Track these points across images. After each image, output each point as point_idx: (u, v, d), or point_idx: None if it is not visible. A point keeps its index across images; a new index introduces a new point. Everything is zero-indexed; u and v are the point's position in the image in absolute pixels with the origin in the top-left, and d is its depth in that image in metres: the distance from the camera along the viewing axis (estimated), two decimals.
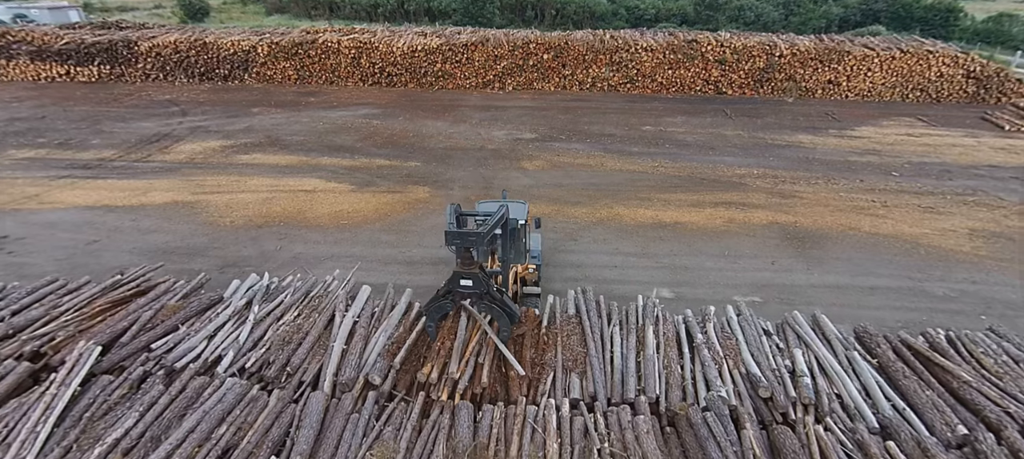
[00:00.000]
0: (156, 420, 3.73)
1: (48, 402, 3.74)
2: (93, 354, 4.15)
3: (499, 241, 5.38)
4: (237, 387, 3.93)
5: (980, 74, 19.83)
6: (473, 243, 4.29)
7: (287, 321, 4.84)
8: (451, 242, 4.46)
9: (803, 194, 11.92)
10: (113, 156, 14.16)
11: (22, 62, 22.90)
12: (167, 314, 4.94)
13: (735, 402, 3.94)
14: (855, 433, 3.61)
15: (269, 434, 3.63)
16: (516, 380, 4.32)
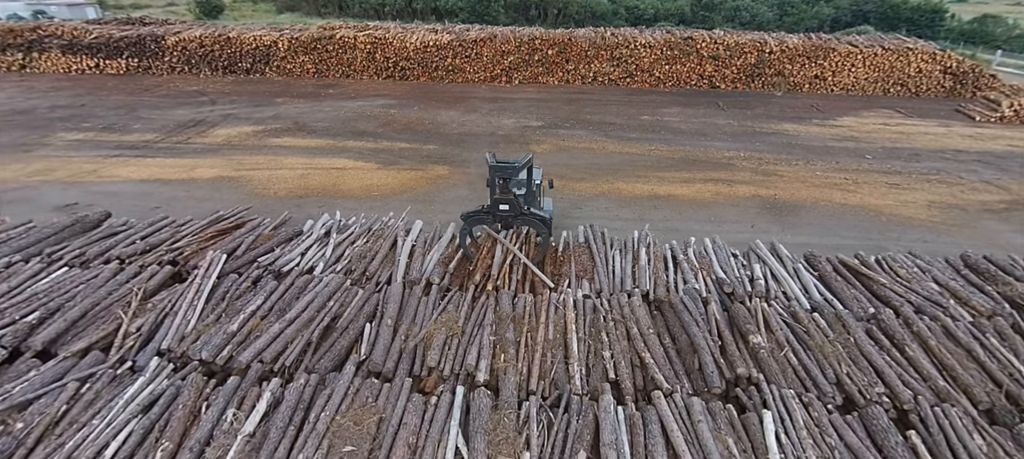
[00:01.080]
0: (278, 300, 5.06)
1: (197, 287, 5.07)
2: (222, 260, 5.48)
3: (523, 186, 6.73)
4: (335, 280, 5.25)
5: (956, 70, 21.22)
6: (510, 174, 5.67)
7: (359, 244, 6.17)
8: (494, 174, 5.82)
9: (783, 173, 13.28)
10: (156, 139, 15.49)
11: (54, 55, 24.23)
12: (263, 240, 6.27)
13: (705, 294, 5.28)
14: (791, 308, 4.95)
15: (363, 309, 4.95)
16: (541, 288, 5.65)
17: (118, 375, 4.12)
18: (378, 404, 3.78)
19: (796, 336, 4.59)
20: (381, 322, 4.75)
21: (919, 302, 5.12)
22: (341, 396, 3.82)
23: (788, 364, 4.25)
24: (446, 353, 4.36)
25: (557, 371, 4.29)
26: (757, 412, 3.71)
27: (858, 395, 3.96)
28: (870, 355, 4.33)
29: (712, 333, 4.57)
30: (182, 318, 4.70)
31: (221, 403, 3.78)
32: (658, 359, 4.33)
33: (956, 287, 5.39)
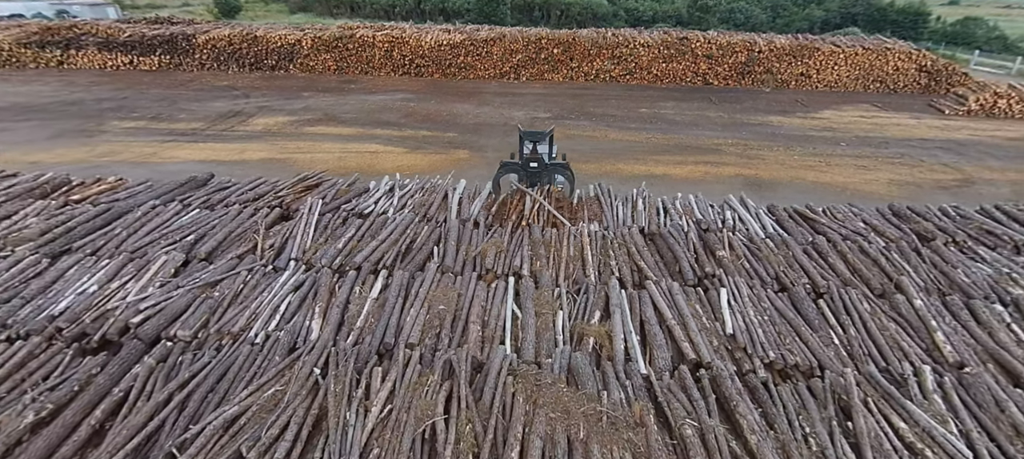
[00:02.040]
0: (365, 233, 6.74)
1: (305, 219, 6.76)
2: (319, 203, 7.17)
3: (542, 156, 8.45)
4: (406, 217, 6.93)
5: (931, 68, 22.95)
6: (537, 139, 7.39)
7: (417, 196, 7.87)
8: (524, 138, 7.55)
9: (766, 157, 14.98)
10: (202, 127, 17.16)
11: (91, 52, 25.88)
12: (341, 194, 7.96)
13: (686, 229, 6.97)
14: (750, 236, 6.65)
15: (430, 238, 6.63)
16: (561, 225, 7.34)
17: (267, 273, 5.80)
18: (455, 286, 5.48)
19: (751, 252, 6.29)
20: (446, 243, 6.43)
21: (846, 233, 6.82)
22: (429, 282, 5.51)
23: (743, 267, 5.95)
24: (497, 260, 6.05)
25: (577, 273, 5.97)
26: (716, 290, 5.41)
27: (790, 284, 5.66)
28: (802, 261, 6.02)
29: (688, 250, 6.27)
30: (299, 240, 6.37)
31: (347, 287, 5.48)
32: (649, 264, 6.02)
33: (877, 224, 7.09)
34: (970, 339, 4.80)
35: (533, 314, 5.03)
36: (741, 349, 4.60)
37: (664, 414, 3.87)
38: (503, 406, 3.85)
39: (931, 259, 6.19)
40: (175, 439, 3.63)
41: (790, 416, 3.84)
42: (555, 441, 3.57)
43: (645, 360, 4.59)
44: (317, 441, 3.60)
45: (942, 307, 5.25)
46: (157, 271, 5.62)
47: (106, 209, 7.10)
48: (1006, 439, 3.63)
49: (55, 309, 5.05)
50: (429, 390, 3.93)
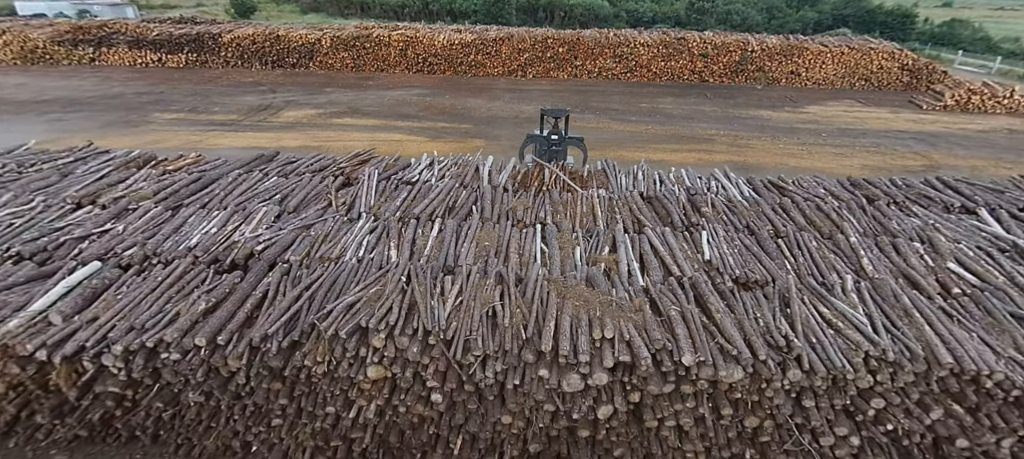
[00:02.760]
0: (416, 195, 8.26)
1: (366, 184, 8.28)
2: (375, 172, 8.70)
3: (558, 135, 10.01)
4: (448, 184, 8.45)
5: (912, 66, 24.49)
6: (557, 116, 8.95)
7: (453, 169, 9.40)
8: (545, 115, 9.16)
9: (754, 146, 16.50)
10: (238, 118, 18.68)
11: (122, 49, 27.41)
12: (389, 167, 9.48)
13: (678, 193, 8.49)
14: (729, 198, 8.17)
15: (467, 201, 8.13)
16: (574, 192, 8.86)
17: (345, 221, 7.32)
18: (495, 231, 7.00)
19: (728, 209, 7.82)
20: (482, 202, 7.96)
21: (808, 196, 8.36)
22: (474, 228, 7.03)
23: (721, 218, 7.48)
24: (525, 214, 7.58)
25: (589, 223, 7.50)
26: (699, 233, 6.94)
27: (757, 229, 7.18)
28: (769, 215, 7.55)
29: (678, 207, 7.81)
30: (364, 199, 7.90)
31: (411, 230, 7.00)
32: (647, 217, 7.55)
33: (835, 190, 8.63)
34: (889, 264, 6.33)
35: (557, 248, 6.55)
36: (715, 269, 6.13)
37: (656, 305, 5.40)
38: (541, 299, 5.38)
39: (872, 213, 7.72)
40: (313, 316, 5.16)
41: (747, 306, 5.36)
42: (578, 318, 5.09)
43: (642, 276, 6.11)
44: (413, 318, 5.12)
45: (873, 244, 6.78)
46: (260, 219, 7.15)
47: (200, 176, 8.63)
48: (897, 317, 5.15)
49: (189, 243, 6.57)
50: (487, 290, 5.46)
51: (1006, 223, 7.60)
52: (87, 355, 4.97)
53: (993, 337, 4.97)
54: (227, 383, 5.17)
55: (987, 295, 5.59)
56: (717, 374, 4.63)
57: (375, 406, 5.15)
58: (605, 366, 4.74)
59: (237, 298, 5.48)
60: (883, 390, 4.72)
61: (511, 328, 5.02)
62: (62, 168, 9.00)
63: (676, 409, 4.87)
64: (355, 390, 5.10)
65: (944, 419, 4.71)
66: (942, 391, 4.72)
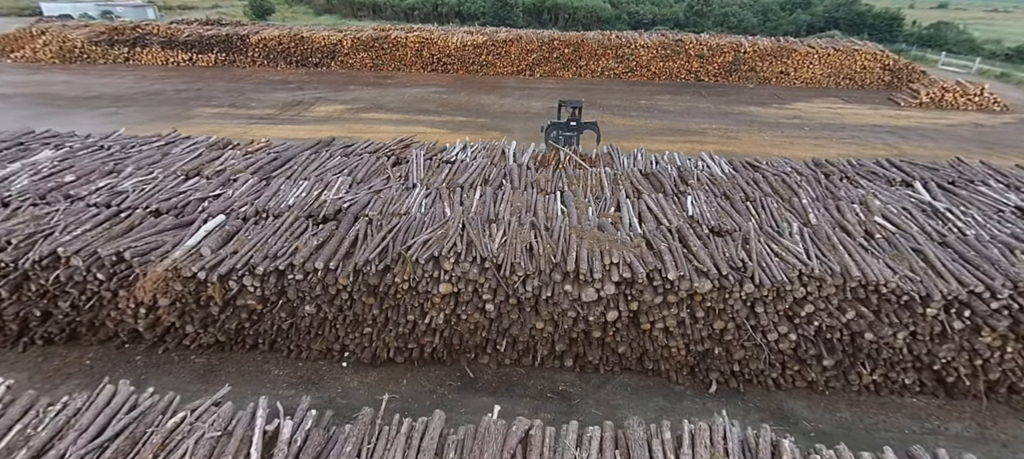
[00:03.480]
0: (456, 171, 10.11)
1: (415, 162, 10.15)
2: (421, 152, 10.57)
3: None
4: (481, 162, 10.32)
5: (893, 67, 26.32)
6: (577, 105, 10.88)
7: (483, 152, 11.26)
8: (563, 105, 11.10)
9: (742, 138, 18.35)
10: (274, 113, 20.53)
11: (154, 49, 29.27)
12: (430, 150, 11.34)
13: (671, 171, 10.35)
14: (712, 174, 10.03)
15: (498, 175, 9.98)
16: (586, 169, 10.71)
17: (403, 190, 9.17)
18: (524, 195, 8.86)
19: (711, 181, 9.68)
20: (511, 176, 9.81)
21: (776, 173, 10.21)
22: (507, 194, 8.89)
23: (703, 187, 9.34)
24: (547, 184, 9.44)
25: (598, 192, 9.35)
26: (685, 198, 8.79)
27: (731, 195, 9.04)
28: (742, 185, 9.41)
29: (670, 180, 9.66)
30: (416, 173, 9.76)
31: (457, 194, 8.86)
32: (645, 187, 9.41)
33: (799, 168, 10.48)
34: (830, 218, 8.18)
35: (574, 207, 8.41)
36: (695, 221, 7.98)
37: (650, 244, 7.25)
38: (565, 238, 7.23)
39: (826, 185, 9.58)
40: (398, 248, 7.02)
41: (717, 244, 7.21)
42: (593, 250, 6.94)
43: (640, 225, 7.97)
44: (471, 251, 6.97)
45: (821, 206, 8.63)
46: (338, 186, 9.01)
47: (276, 156, 10.50)
48: (827, 250, 7.01)
49: (288, 202, 8.44)
50: (524, 231, 7.32)
51: (933, 192, 9.45)
52: (235, 275, 6.84)
53: (894, 263, 6.82)
54: (334, 299, 7.04)
55: (898, 237, 7.45)
56: (693, 286, 6.49)
57: (443, 315, 7.01)
58: (612, 281, 6.60)
59: (337, 238, 7.34)
60: (812, 298, 6.57)
61: (544, 256, 6.89)
62: (161, 149, 10.86)
63: (664, 314, 6.73)
64: (429, 303, 6.96)
65: (856, 318, 6.57)
66: (854, 298, 6.57)
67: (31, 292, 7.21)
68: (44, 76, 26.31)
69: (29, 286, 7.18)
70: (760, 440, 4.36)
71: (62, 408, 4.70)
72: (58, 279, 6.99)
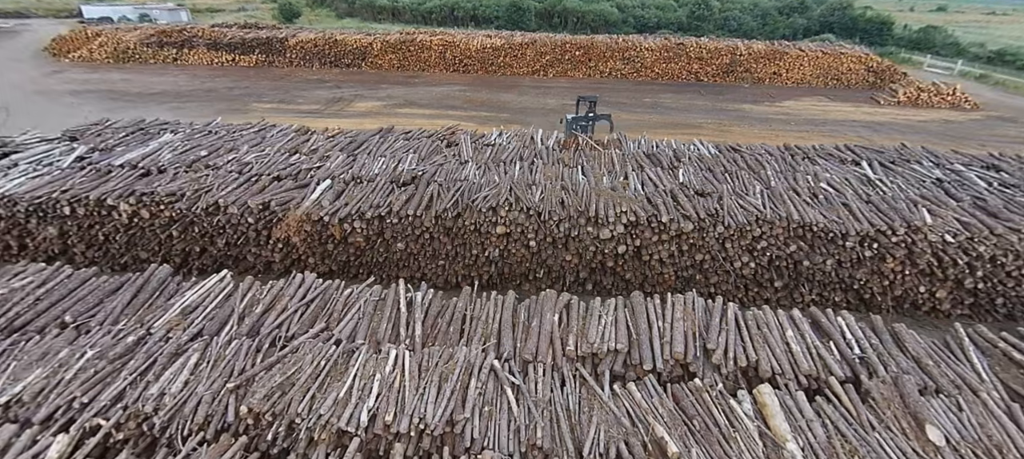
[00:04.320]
0: (498, 150, 12.77)
1: (464, 143, 12.81)
2: (469, 136, 13.22)
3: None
4: (516, 145, 12.96)
5: (877, 68, 28.74)
6: (593, 100, 13.53)
7: (515, 139, 13.90)
8: (581, 99, 13.75)
9: (734, 131, 20.87)
10: (320, 108, 23.21)
11: (200, 50, 32.05)
12: (473, 135, 13.98)
13: (668, 152, 12.94)
14: (701, 154, 12.63)
15: (531, 154, 12.64)
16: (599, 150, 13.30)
17: (459, 164, 11.82)
18: (553, 168, 11.49)
19: (699, 159, 12.27)
20: (541, 155, 12.43)
21: (751, 154, 12.78)
22: (539, 168, 11.53)
23: (693, 163, 11.93)
24: (570, 160, 12.07)
25: (610, 167, 11.96)
26: (677, 170, 11.40)
27: (714, 169, 11.63)
28: (724, 163, 12.00)
29: (666, 158, 12.26)
30: (466, 153, 12.39)
31: (502, 168, 11.50)
32: (646, 164, 12.02)
33: (772, 152, 13.05)
34: (787, 184, 10.75)
35: (592, 176, 11.01)
36: (684, 186, 10.57)
37: (650, 201, 9.85)
38: (586, 195, 9.84)
39: (790, 162, 12.15)
40: (465, 202, 9.65)
41: (700, 201, 9.80)
42: (608, 202, 9.54)
43: (642, 189, 10.56)
44: (518, 203, 9.59)
45: (782, 176, 11.20)
46: (409, 160, 11.65)
47: (352, 139, 13.16)
48: (778, 203, 9.59)
49: (373, 171, 11.09)
50: (556, 190, 9.94)
51: (876, 169, 11.98)
52: (348, 220, 9.49)
53: (826, 211, 9.40)
54: (419, 237, 9.67)
55: (834, 196, 10.03)
56: (680, 227, 9.09)
57: (498, 251, 9.63)
58: (622, 224, 9.21)
59: (419, 194, 9.99)
60: (766, 236, 9.15)
61: (572, 207, 9.51)
62: (257, 133, 13.55)
63: (659, 249, 9.33)
64: (488, 241, 9.58)
65: (797, 250, 9.14)
66: (796, 235, 9.14)
67: (194, 233, 9.90)
68: (103, 75, 29.13)
69: (194, 229, 9.86)
70: (714, 305, 6.96)
71: (271, 287, 7.36)
72: (219, 222, 9.67)
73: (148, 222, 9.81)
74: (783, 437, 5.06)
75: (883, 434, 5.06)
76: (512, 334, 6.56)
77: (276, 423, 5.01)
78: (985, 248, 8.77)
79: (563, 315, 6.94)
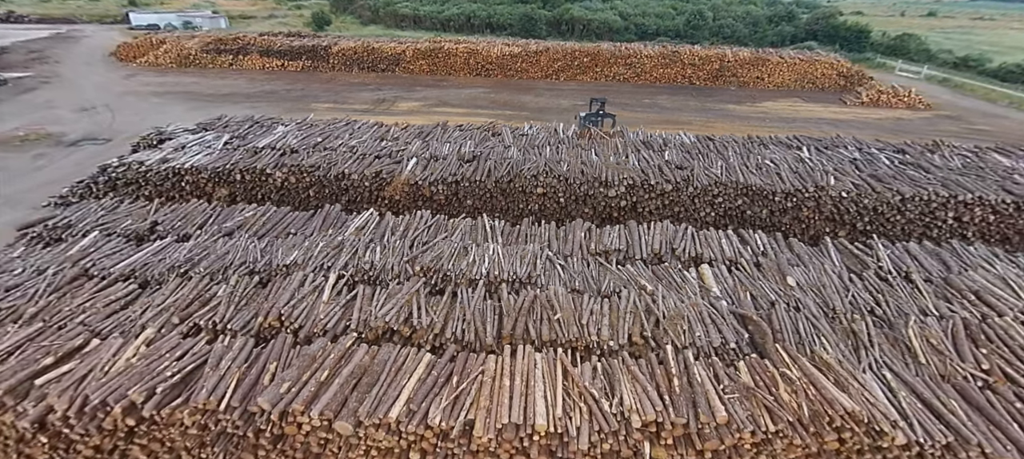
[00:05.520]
0: (530, 139, 17.10)
1: (505, 134, 17.16)
2: (508, 129, 17.57)
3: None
4: (543, 134, 17.30)
5: (847, 73, 32.91)
6: (603, 101, 17.83)
7: (543, 131, 18.26)
8: (594, 100, 18.02)
9: (717, 126, 25.11)
10: (369, 107, 27.51)
11: (254, 56, 36.43)
12: (511, 127, 18.32)
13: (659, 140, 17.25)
14: (684, 142, 16.97)
15: (555, 140, 17.01)
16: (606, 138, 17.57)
17: (505, 147, 16.17)
18: (574, 150, 15.82)
19: (685, 145, 16.59)
20: (562, 142, 16.78)
21: (723, 142, 17.10)
22: (564, 150, 15.88)
23: (676, 148, 16.27)
24: (585, 145, 16.42)
25: (615, 151, 16.31)
26: (664, 152, 15.73)
27: (690, 150, 15.95)
28: (700, 147, 16.34)
29: (660, 144, 16.61)
30: (507, 139, 16.76)
31: (537, 149, 15.85)
32: (642, 148, 16.35)
33: (736, 138, 17.36)
34: (742, 161, 15.02)
35: (602, 157, 15.31)
36: (669, 163, 14.83)
37: (646, 174, 14.15)
38: (599, 168, 14.15)
39: (747, 147, 16.40)
40: (516, 170, 13.97)
41: (681, 173, 14.08)
42: (614, 172, 13.84)
43: (638, 164, 14.85)
44: (551, 171, 13.90)
45: (739, 157, 15.46)
46: (468, 145, 15.96)
47: (420, 130, 17.50)
48: (730, 172, 13.87)
49: (443, 152, 15.41)
50: (577, 164, 14.26)
51: (810, 152, 16.22)
52: (435, 183, 13.81)
53: (763, 177, 13.67)
54: (482, 195, 13.98)
55: (772, 168, 14.30)
56: (663, 187, 13.39)
57: (537, 205, 13.92)
58: (624, 186, 13.52)
59: (481, 167, 14.30)
60: (721, 194, 13.42)
61: (588, 175, 13.82)
62: (346, 127, 17.88)
63: (648, 203, 13.62)
64: (531, 197, 13.87)
65: (742, 203, 13.41)
66: (740, 193, 13.41)
67: (325, 192, 14.22)
68: (173, 78, 33.53)
69: (325, 189, 14.19)
70: (680, 227, 11.25)
71: (403, 217, 11.68)
72: (345, 185, 14.01)
73: (294, 185, 14.15)
74: (710, 286, 9.34)
75: (765, 283, 9.34)
76: (556, 241, 10.86)
77: (436, 275, 9.32)
78: (868, 201, 13.03)
79: (585, 233, 11.24)
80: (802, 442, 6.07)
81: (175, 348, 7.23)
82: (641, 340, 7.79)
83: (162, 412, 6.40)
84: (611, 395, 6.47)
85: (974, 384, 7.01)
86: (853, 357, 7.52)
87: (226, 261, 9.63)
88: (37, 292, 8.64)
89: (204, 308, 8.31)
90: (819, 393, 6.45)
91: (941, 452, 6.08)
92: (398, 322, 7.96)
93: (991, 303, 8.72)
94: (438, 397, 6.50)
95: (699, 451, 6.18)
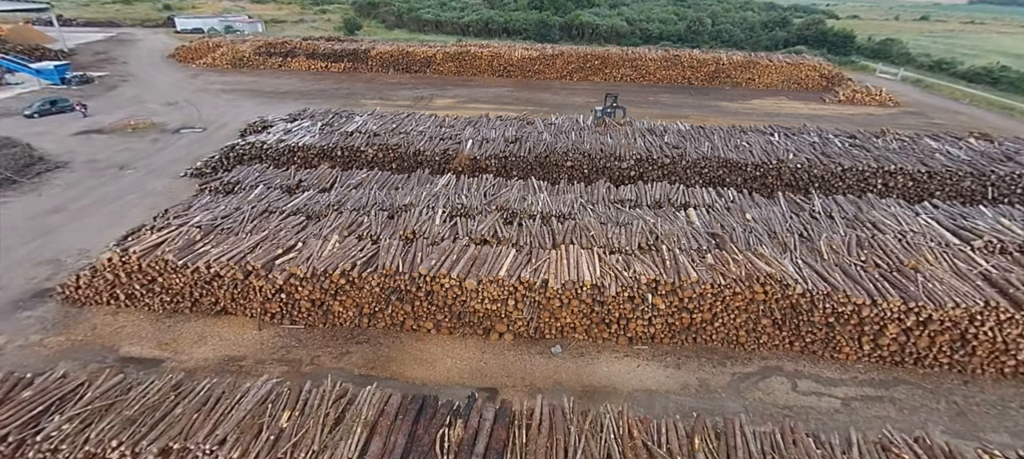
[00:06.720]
0: (558, 126, 21.56)
1: (537, 123, 21.60)
2: (540, 119, 21.99)
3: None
4: (568, 123, 21.73)
5: (828, 74, 37.11)
6: (615, 95, 22.15)
7: (566, 122, 22.71)
8: (608, 95, 22.38)
9: (710, 120, 29.39)
10: (411, 103, 31.89)
11: (300, 58, 40.89)
12: (544, 115, 22.76)
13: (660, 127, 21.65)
14: (680, 129, 21.35)
15: (578, 128, 21.46)
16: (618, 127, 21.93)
17: (538, 133, 20.61)
18: (594, 134, 20.24)
19: (680, 131, 21.00)
20: (584, 130, 21.24)
21: (711, 130, 21.51)
22: (586, 135, 20.32)
23: (673, 134, 20.69)
24: (603, 132, 20.88)
25: (625, 135, 20.74)
26: (664, 136, 20.14)
27: (684, 134, 20.36)
28: (693, 133, 20.76)
29: (661, 130, 21.05)
30: (540, 127, 21.22)
31: (564, 132, 20.28)
32: (646, 134, 20.77)
33: (721, 128, 21.76)
34: (724, 143, 19.36)
35: (615, 140, 19.68)
36: (667, 144, 19.19)
37: (651, 152, 18.53)
38: (614, 147, 18.54)
39: (730, 133, 20.74)
40: (550, 149, 18.38)
41: (675, 151, 18.44)
42: (625, 149, 18.22)
43: (643, 145, 19.21)
44: (577, 150, 18.29)
45: (723, 141, 19.80)
46: (510, 131, 20.35)
47: (469, 121, 21.93)
48: (715, 150, 18.22)
49: (491, 136, 19.81)
50: (596, 145, 18.67)
51: (781, 138, 20.53)
52: (489, 158, 18.21)
53: (738, 153, 18.01)
54: (524, 167, 18.36)
55: (750, 148, 18.65)
56: (664, 161, 17.77)
57: (567, 176, 18.30)
58: (633, 160, 17.92)
59: (523, 147, 18.72)
60: (707, 166, 17.77)
61: (606, 152, 18.22)
62: (408, 118, 22.31)
63: (651, 173, 18.00)
64: (562, 168, 18.25)
65: (722, 173, 17.76)
66: (721, 165, 17.76)
67: (405, 165, 18.62)
68: (232, 78, 38.02)
69: (404, 163, 18.60)
70: (676, 186, 15.63)
71: (474, 180, 16.12)
72: (420, 159, 18.43)
73: (381, 159, 18.57)
74: (692, 219, 13.69)
75: (731, 218, 13.69)
76: (584, 195, 15.29)
77: (506, 212, 13.75)
78: (817, 171, 17.36)
79: (606, 190, 15.63)
80: (741, 291, 10.43)
81: (354, 247, 11.65)
82: (646, 246, 12.16)
83: (363, 274, 10.81)
84: (628, 269, 10.86)
85: (854, 267, 11.34)
86: (782, 255, 11.86)
87: (361, 203, 14.06)
88: (245, 217, 13.08)
89: (360, 228, 12.73)
90: (753, 266, 10.82)
91: (822, 296, 10.41)
92: (489, 235, 12.36)
93: (880, 228, 13.06)
94: (524, 269, 10.89)
95: (681, 299, 10.54)
